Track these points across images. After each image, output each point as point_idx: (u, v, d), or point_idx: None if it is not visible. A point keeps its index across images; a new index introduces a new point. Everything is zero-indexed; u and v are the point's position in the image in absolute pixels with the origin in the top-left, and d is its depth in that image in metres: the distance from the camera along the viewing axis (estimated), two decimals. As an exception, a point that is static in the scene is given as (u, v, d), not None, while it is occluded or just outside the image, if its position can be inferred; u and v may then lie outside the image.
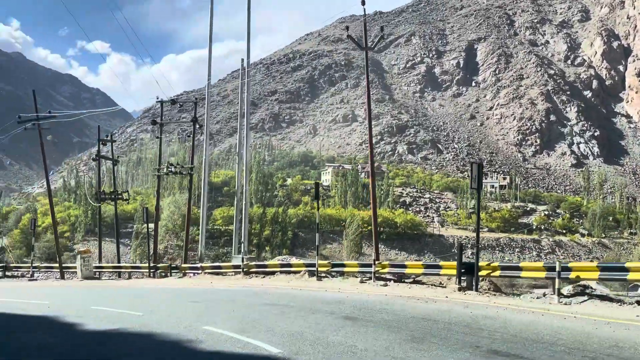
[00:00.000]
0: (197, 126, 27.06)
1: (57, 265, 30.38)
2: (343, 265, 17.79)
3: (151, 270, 26.13)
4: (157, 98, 26.89)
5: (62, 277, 28.53)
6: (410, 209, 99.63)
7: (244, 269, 20.43)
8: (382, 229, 77.58)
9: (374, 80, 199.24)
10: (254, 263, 22.00)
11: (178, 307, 12.28)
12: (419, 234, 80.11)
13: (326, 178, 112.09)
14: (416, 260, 39.09)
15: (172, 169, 27.62)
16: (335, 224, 75.62)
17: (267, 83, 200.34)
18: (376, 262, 15.89)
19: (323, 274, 17.25)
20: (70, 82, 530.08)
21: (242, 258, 21.64)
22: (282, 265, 19.81)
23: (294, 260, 20.48)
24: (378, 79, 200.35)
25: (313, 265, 17.67)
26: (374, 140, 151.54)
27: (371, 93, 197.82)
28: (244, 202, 27.16)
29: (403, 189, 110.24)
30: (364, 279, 15.72)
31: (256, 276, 19.80)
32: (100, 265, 30.34)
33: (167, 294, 15.87)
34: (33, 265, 30.00)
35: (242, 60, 27.04)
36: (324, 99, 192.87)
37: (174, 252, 61.66)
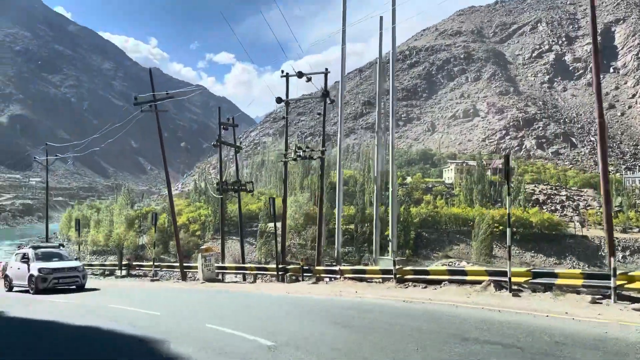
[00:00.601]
0: (328, 102, 23.72)
1: (178, 264, 27.61)
2: (554, 276, 12.45)
3: (279, 273, 22.57)
4: (282, 72, 23.27)
5: (184, 278, 25.91)
6: (544, 207, 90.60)
7: (397, 276, 16.39)
8: (514, 229, 70.91)
9: (496, 72, 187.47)
10: (409, 268, 17.28)
11: (324, 335, 8.51)
12: (558, 234, 71.86)
13: (448, 176, 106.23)
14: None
15: (301, 153, 23.94)
16: (462, 223, 70.39)
17: (383, 82, 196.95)
18: (618, 273, 10.72)
19: (515, 287, 12.52)
20: (200, 92, 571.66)
21: (394, 261, 17.18)
22: (452, 272, 15.60)
23: (467, 265, 16.60)
24: (501, 71, 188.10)
25: (502, 273, 13.01)
26: (498, 135, 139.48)
27: (493, 86, 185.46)
28: (390, 192, 23.77)
29: (535, 186, 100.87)
30: (596, 297, 10.73)
31: (413, 285, 15.53)
32: (223, 265, 27.18)
33: (303, 309, 12.34)
34: (155, 264, 27.83)
35: (381, 18, 24.14)
36: (443, 95, 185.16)
37: (296, 251, 61.01)
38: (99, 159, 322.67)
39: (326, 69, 23.44)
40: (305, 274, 21.43)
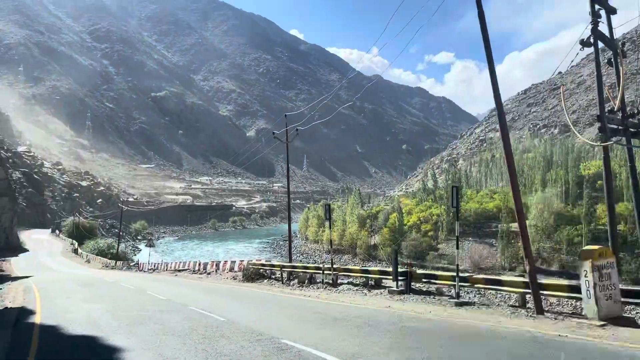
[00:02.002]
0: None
1: (528, 280, 12.77)
2: None
3: None
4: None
5: (539, 309, 12.29)
6: None
7: None
8: None
9: None
10: None
11: None
12: None
13: None
14: None
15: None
16: None
17: (634, 60, 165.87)
18: None
19: None
20: (419, 94, 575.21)
21: None
22: None
23: None
24: None
25: None
26: None
27: None
28: None
29: None
30: None
31: None
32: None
33: None
34: (459, 276, 14.96)
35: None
36: None
37: (548, 256, 52.39)
38: (329, 165, 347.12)
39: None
40: None
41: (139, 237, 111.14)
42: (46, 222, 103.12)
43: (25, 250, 68.08)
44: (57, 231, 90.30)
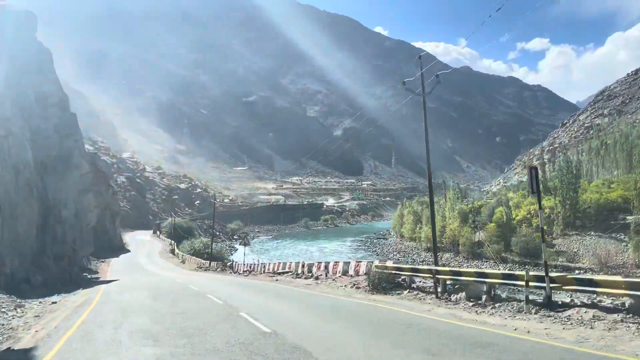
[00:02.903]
0: None
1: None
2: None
3: None
4: None
5: None
6: None
7: None
8: None
9: None
10: None
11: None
12: None
13: None
14: None
15: None
16: None
17: None
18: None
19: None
20: (512, 83, 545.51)
21: None
22: None
23: None
24: None
25: None
26: None
27: None
28: None
29: None
30: None
31: None
32: None
33: None
34: None
35: None
36: None
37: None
38: (418, 161, 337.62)
39: None
40: None
41: (235, 237, 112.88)
42: (148, 223, 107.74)
43: (127, 251, 70.48)
44: (158, 232, 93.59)
